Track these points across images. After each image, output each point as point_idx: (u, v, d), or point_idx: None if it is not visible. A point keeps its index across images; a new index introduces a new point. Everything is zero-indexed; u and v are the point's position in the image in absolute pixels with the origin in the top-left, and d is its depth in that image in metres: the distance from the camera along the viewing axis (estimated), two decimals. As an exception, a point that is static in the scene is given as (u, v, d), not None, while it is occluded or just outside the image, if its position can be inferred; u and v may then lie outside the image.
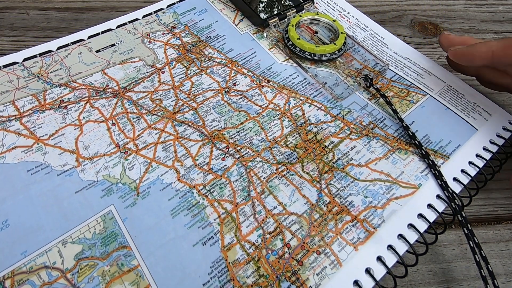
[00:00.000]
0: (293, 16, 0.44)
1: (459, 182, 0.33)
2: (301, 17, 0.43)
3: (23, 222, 0.28)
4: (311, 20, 0.45)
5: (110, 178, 0.31)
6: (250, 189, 0.31)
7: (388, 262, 0.28)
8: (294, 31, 0.41)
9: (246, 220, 0.29)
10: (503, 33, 0.49)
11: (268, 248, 0.28)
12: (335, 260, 0.28)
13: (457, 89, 0.40)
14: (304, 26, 0.44)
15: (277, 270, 0.27)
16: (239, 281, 0.27)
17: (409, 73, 0.41)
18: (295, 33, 0.41)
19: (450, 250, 0.31)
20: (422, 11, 0.51)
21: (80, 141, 0.33)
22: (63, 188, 0.30)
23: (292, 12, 0.44)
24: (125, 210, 0.29)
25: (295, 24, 0.42)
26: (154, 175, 0.31)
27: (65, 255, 0.27)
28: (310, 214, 0.30)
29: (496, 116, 0.38)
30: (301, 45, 0.40)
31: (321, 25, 0.44)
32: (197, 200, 0.30)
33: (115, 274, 0.26)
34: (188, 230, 0.29)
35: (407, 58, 0.43)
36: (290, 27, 0.42)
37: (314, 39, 0.43)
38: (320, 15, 0.44)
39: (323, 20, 0.44)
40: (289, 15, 0.44)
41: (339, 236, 0.29)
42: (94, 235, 0.28)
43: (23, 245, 0.27)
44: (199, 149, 0.33)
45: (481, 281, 0.28)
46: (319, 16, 0.44)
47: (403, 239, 0.29)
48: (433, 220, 0.30)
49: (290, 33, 0.41)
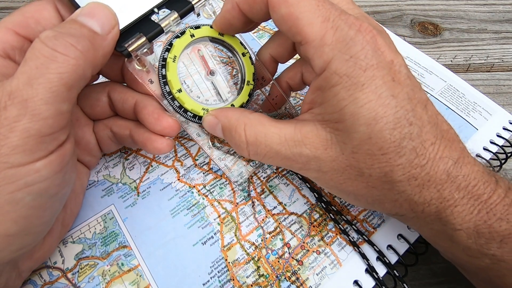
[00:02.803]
0: (172, 38, 0.25)
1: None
2: (193, 38, 0.26)
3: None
4: (213, 44, 0.27)
5: (110, 178, 0.31)
6: (250, 189, 0.31)
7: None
8: (174, 70, 0.25)
9: (246, 220, 0.29)
10: (503, 33, 0.49)
11: (268, 247, 0.28)
12: (335, 260, 0.28)
13: (458, 88, 0.40)
14: (196, 52, 0.27)
15: (277, 269, 0.27)
16: (239, 280, 0.27)
17: (409, 73, 0.41)
18: (176, 78, 0.25)
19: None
20: (422, 11, 0.52)
21: (81, 141, 0.33)
22: (63, 188, 0.30)
23: (171, 21, 0.24)
24: (125, 210, 0.29)
25: (180, 51, 0.25)
26: (154, 175, 0.31)
27: (66, 255, 0.27)
28: (310, 214, 0.30)
29: (496, 116, 0.37)
30: (183, 102, 0.25)
31: (226, 56, 0.28)
32: (197, 200, 0.30)
33: (115, 273, 0.27)
34: (188, 229, 0.29)
35: (407, 58, 0.43)
36: (169, 58, 0.25)
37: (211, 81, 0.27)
38: (227, 39, 0.27)
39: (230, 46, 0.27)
40: (166, 28, 0.24)
41: (339, 236, 0.29)
42: (94, 235, 0.28)
43: (23, 244, 0.27)
44: (199, 149, 0.33)
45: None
46: (226, 38, 0.27)
47: (403, 239, 0.29)
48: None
49: (169, 74, 0.25)
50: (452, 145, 0.22)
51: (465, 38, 0.48)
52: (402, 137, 0.21)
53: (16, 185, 0.19)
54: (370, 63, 0.21)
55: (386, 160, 0.21)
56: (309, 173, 0.24)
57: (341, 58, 0.21)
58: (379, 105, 0.20)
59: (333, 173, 0.23)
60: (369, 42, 0.21)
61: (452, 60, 0.45)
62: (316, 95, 0.23)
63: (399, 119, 0.21)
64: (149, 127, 0.25)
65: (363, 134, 0.21)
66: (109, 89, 0.27)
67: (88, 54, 0.20)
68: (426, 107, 0.22)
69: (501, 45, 0.47)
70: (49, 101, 0.19)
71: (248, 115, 0.25)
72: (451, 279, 0.30)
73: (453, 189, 0.22)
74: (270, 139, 0.24)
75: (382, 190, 0.22)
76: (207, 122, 0.26)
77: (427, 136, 0.21)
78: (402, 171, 0.21)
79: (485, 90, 0.40)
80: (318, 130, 0.23)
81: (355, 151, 0.22)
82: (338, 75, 0.21)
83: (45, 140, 0.19)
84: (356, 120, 0.21)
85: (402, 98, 0.21)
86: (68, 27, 0.20)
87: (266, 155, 0.24)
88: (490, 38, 0.48)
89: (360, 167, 0.22)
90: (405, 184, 0.21)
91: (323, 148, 0.22)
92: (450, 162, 0.22)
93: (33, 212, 0.20)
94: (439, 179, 0.21)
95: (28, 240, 0.21)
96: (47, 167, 0.20)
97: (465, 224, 0.22)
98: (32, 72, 0.19)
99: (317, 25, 0.21)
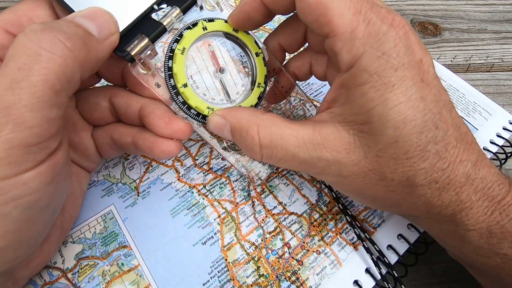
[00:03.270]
0: (183, 29, 0.24)
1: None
2: (205, 31, 0.24)
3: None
4: (227, 39, 0.26)
5: (110, 178, 0.31)
6: (250, 188, 0.31)
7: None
8: (182, 63, 0.24)
9: (246, 219, 0.29)
10: (503, 33, 0.49)
11: (268, 247, 0.28)
12: (335, 260, 0.28)
13: (458, 88, 0.40)
14: (206, 47, 0.25)
15: (277, 269, 0.27)
16: (239, 280, 0.27)
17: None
18: (183, 72, 0.24)
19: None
20: (422, 11, 0.52)
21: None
22: (63, 188, 0.30)
23: (174, 17, 0.23)
24: (125, 210, 0.29)
25: (190, 43, 0.24)
26: (154, 175, 0.31)
27: (66, 255, 0.27)
28: (310, 214, 0.30)
29: (496, 116, 0.38)
30: (187, 98, 0.24)
31: (237, 54, 0.26)
32: (197, 199, 0.30)
33: (115, 273, 0.27)
34: (188, 229, 0.29)
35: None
36: (177, 50, 0.23)
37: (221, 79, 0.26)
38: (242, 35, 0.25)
39: (243, 43, 0.26)
40: (169, 25, 0.23)
41: (339, 236, 0.29)
42: (94, 235, 0.28)
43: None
44: (199, 148, 0.33)
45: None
46: (240, 35, 0.25)
47: (403, 239, 0.29)
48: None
49: (175, 66, 0.23)
50: (470, 148, 0.22)
51: (465, 38, 0.48)
52: (428, 141, 0.20)
53: (1, 199, 0.17)
54: (401, 62, 0.20)
55: (410, 164, 0.20)
56: (327, 178, 0.23)
57: (373, 54, 0.19)
58: (408, 108, 0.20)
59: (353, 178, 0.22)
60: (402, 39, 0.20)
61: (452, 60, 0.45)
62: (339, 93, 0.22)
63: (426, 123, 0.20)
64: (158, 131, 0.23)
65: (390, 137, 0.20)
66: (111, 95, 0.25)
67: (79, 54, 0.18)
68: (450, 109, 0.21)
69: (501, 45, 0.47)
70: (34, 107, 0.17)
71: (260, 116, 0.23)
72: (451, 279, 0.30)
73: (471, 191, 0.21)
74: (286, 142, 0.22)
75: (402, 194, 0.22)
76: (214, 123, 0.24)
77: (450, 139, 0.21)
78: (425, 175, 0.21)
79: (485, 90, 0.40)
80: (340, 132, 0.21)
81: (379, 154, 0.21)
82: (368, 73, 0.20)
83: (32, 150, 0.17)
84: (385, 122, 0.20)
85: (430, 101, 0.20)
86: (61, 23, 0.18)
87: (282, 158, 0.23)
88: (490, 38, 0.48)
89: (383, 171, 0.21)
90: (425, 188, 0.21)
91: (345, 152, 0.21)
92: (469, 165, 0.21)
93: (23, 225, 0.18)
94: (459, 182, 0.21)
95: (21, 252, 0.20)
96: (36, 179, 0.18)
97: (478, 225, 0.22)
98: (14, 75, 0.17)
99: (348, 17, 0.20)
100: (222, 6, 0.25)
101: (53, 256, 0.27)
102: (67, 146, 0.21)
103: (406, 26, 0.20)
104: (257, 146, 0.23)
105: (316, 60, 0.27)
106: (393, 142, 0.20)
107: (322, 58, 0.26)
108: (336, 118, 0.22)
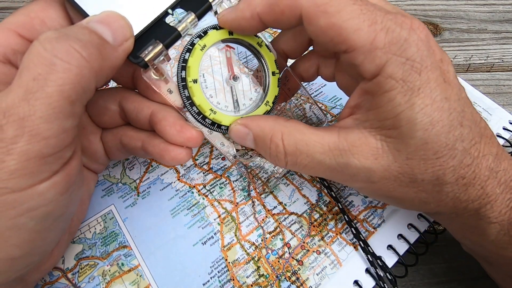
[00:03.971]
0: (218, 26, 0.24)
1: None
2: (230, 35, 0.24)
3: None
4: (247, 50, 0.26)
5: (110, 178, 0.31)
6: (250, 188, 0.31)
7: (388, 262, 0.28)
8: (198, 59, 0.23)
9: (246, 219, 0.29)
10: (503, 33, 0.49)
11: (268, 247, 0.28)
12: (335, 260, 0.28)
13: (457, 89, 0.40)
14: (227, 50, 0.25)
15: (277, 269, 0.27)
16: (239, 280, 0.27)
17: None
18: (197, 67, 0.23)
19: (450, 250, 0.31)
20: (422, 11, 0.52)
21: (81, 141, 0.33)
22: (63, 188, 0.30)
23: (189, 23, 0.22)
24: (125, 210, 0.29)
25: (213, 42, 0.24)
26: (154, 175, 0.31)
27: (66, 255, 0.27)
28: (310, 214, 0.30)
29: (496, 116, 0.37)
30: (192, 93, 0.23)
31: (252, 62, 0.26)
32: (197, 199, 0.30)
33: (115, 273, 0.27)
34: (188, 229, 0.29)
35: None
36: (198, 45, 0.23)
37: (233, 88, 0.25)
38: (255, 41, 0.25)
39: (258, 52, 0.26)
40: (183, 31, 0.22)
41: (339, 236, 0.29)
42: (94, 235, 0.28)
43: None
44: (199, 149, 0.33)
45: (481, 280, 0.28)
46: (262, 50, 0.25)
47: (403, 239, 0.29)
48: (433, 220, 0.30)
49: (191, 60, 0.23)
50: (491, 141, 0.22)
51: (465, 38, 0.48)
52: (456, 139, 0.21)
53: (17, 211, 0.17)
54: (424, 65, 0.20)
55: (440, 164, 0.21)
56: (355, 184, 0.23)
57: (397, 61, 0.20)
58: (434, 109, 0.20)
59: (383, 182, 0.22)
60: (423, 41, 0.20)
61: (452, 60, 0.45)
62: (363, 100, 0.22)
63: (452, 122, 0.20)
64: (170, 138, 0.23)
65: (419, 139, 0.20)
66: (121, 98, 0.24)
67: (94, 64, 0.18)
68: (470, 106, 0.22)
69: (501, 45, 0.47)
70: (49, 119, 0.16)
71: (284, 123, 0.23)
72: (451, 279, 0.30)
73: (495, 184, 0.22)
74: (312, 149, 0.22)
75: (432, 193, 0.22)
76: (236, 132, 0.24)
77: (473, 135, 0.21)
78: (453, 172, 0.21)
79: (485, 90, 0.40)
80: (367, 138, 0.21)
81: (409, 157, 0.21)
82: (395, 80, 0.20)
83: (48, 161, 0.17)
84: (413, 126, 0.20)
85: (453, 100, 0.21)
86: (75, 30, 0.18)
87: (307, 165, 0.22)
88: (490, 38, 0.48)
89: (413, 173, 0.21)
90: (453, 185, 0.22)
91: (373, 158, 0.21)
92: (491, 158, 0.22)
93: (37, 235, 0.19)
94: (483, 175, 0.22)
95: (34, 259, 0.20)
96: (52, 189, 0.18)
97: (501, 217, 0.22)
98: (29, 85, 0.16)
99: (365, 30, 0.20)
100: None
101: (60, 259, 0.27)
102: (80, 153, 0.21)
103: (426, 28, 0.20)
104: (281, 153, 0.23)
105: (323, 62, 0.27)
106: (423, 144, 0.20)
107: (330, 60, 0.26)
108: (362, 124, 0.22)
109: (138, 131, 0.25)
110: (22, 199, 0.17)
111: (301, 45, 0.26)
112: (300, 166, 0.23)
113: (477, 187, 0.22)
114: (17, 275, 0.19)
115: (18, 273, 0.19)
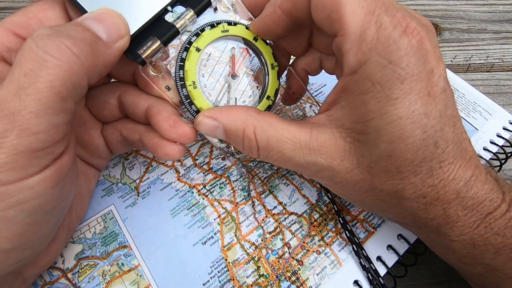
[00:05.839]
0: (214, 23, 0.24)
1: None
2: (224, 33, 0.24)
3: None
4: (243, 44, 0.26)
5: (110, 178, 0.31)
6: (250, 188, 0.31)
7: (388, 262, 0.28)
8: (194, 66, 0.23)
9: (246, 219, 0.29)
10: (503, 33, 0.49)
11: (268, 247, 0.28)
12: (335, 260, 0.28)
13: (458, 88, 0.40)
14: (227, 48, 0.26)
15: (277, 269, 0.27)
16: (239, 280, 0.27)
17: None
18: (194, 73, 0.23)
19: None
20: (422, 11, 0.51)
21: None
22: (63, 188, 0.30)
23: (187, 20, 0.22)
24: (125, 210, 0.29)
25: (208, 43, 0.24)
26: (154, 175, 0.31)
27: (66, 255, 0.27)
28: (310, 214, 0.30)
29: (496, 116, 0.37)
30: (194, 97, 0.23)
31: (250, 57, 0.26)
32: (197, 199, 0.30)
33: (115, 273, 0.27)
34: (188, 229, 0.29)
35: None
36: (191, 50, 0.23)
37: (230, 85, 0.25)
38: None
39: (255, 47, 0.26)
40: (181, 28, 0.22)
41: (339, 236, 0.29)
42: (94, 235, 0.28)
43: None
44: (199, 148, 0.33)
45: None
46: (259, 44, 0.25)
47: (403, 239, 0.29)
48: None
49: (188, 69, 0.23)
50: (467, 164, 0.21)
51: (465, 38, 0.48)
52: (423, 157, 0.20)
53: (7, 203, 0.17)
54: (410, 73, 0.18)
55: (400, 178, 0.20)
56: (319, 180, 0.24)
57: (378, 62, 0.19)
58: (408, 124, 0.19)
59: (344, 184, 0.22)
60: (414, 47, 0.19)
61: (452, 60, 0.45)
62: (339, 97, 0.21)
63: (425, 140, 0.19)
64: (163, 133, 0.23)
65: (383, 151, 0.20)
66: (120, 92, 0.25)
67: (86, 60, 0.18)
68: (454, 125, 0.20)
69: (501, 45, 0.47)
70: (39, 114, 0.17)
71: (256, 116, 0.22)
72: (451, 279, 0.30)
73: (459, 208, 0.21)
74: (282, 145, 0.22)
75: (390, 204, 0.22)
76: (204, 125, 0.23)
77: (447, 156, 0.20)
78: (414, 189, 0.20)
79: (485, 90, 0.40)
80: (337, 140, 0.21)
81: (372, 166, 0.21)
82: (371, 82, 0.19)
83: (38, 155, 0.17)
84: (380, 136, 0.19)
85: (433, 117, 0.19)
86: (68, 27, 0.18)
87: (277, 160, 0.23)
88: (490, 38, 0.48)
89: (373, 182, 0.21)
90: (412, 201, 0.21)
91: (339, 159, 0.21)
92: (461, 183, 0.21)
93: (28, 229, 0.19)
94: (448, 198, 0.21)
95: (27, 253, 0.20)
96: (42, 183, 0.18)
97: (462, 237, 0.22)
98: (21, 81, 0.17)
99: (360, 16, 0.19)
100: (237, 8, 0.25)
101: (59, 255, 0.27)
102: (74, 149, 0.21)
103: (421, 33, 0.19)
104: (254, 147, 0.23)
105: (327, 56, 0.26)
106: (386, 156, 0.20)
107: (331, 56, 0.26)
108: (335, 122, 0.21)
109: (136, 124, 0.25)
110: (11, 192, 0.17)
111: (301, 43, 0.26)
112: (271, 160, 0.23)
113: (438, 208, 0.21)
114: (11, 269, 0.20)
115: (11, 267, 0.20)
